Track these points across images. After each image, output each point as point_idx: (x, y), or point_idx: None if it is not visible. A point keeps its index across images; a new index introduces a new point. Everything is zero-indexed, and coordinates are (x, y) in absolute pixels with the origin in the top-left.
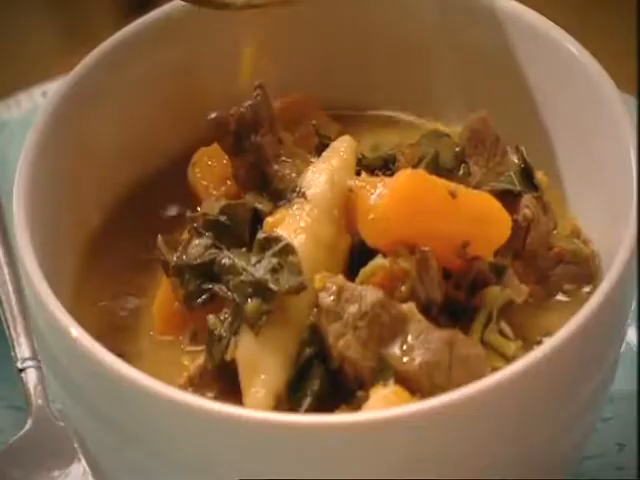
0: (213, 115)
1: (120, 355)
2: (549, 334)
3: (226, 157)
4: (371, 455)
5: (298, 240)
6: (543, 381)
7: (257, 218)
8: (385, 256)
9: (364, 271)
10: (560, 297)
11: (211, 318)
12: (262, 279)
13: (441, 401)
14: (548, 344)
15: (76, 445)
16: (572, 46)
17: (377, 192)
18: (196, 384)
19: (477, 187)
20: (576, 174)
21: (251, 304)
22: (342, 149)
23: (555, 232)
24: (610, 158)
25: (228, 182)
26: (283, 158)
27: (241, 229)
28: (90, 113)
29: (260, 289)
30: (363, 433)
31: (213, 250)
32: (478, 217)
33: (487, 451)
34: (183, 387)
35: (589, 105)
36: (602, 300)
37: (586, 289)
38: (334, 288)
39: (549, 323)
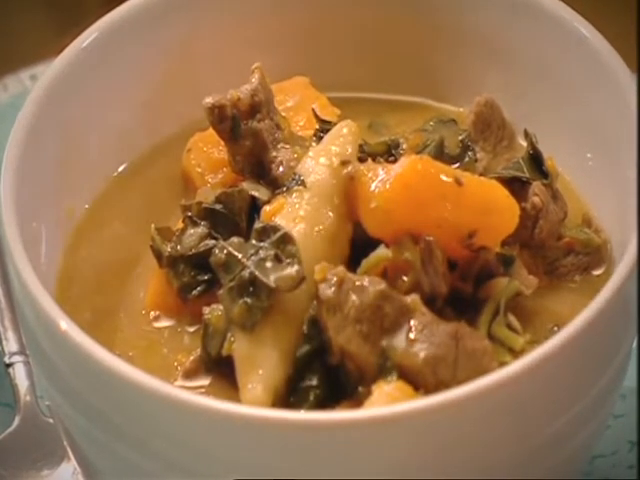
0: (209, 99)
1: (111, 348)
2: (558, 326)
3: (222, 143)
4: (373, 453)
5: (297, 229)
6: (552, 377)
7: (254, 207)
8: (388, 246)
9: (366, 262)
10: (570, 288)
11: (207, 311)
12: (258, 277)
13: (446, 397)
14: (557, 338)
15: (65, 443)
16: (583, 27)
17: (379, 179)
18: (191, 379)
19: (484, 174)
20: (587, 160)
21: (238, 308)
22: (343, 134)
23: (565, 221)
24: (622, 144)
25: (224, 169)
26: (281, 144)
27: (238, 218)
28: (80, 97)
29: (256, 286)
30: (365, 431)
31: (209, 240)
32: (485, 205)
33: (494, 449)
34: (177, 382)
35: (601, 89)
36: (613, 292)
37: (597, 280)
38: (335, 279)
39: (558, 315)
